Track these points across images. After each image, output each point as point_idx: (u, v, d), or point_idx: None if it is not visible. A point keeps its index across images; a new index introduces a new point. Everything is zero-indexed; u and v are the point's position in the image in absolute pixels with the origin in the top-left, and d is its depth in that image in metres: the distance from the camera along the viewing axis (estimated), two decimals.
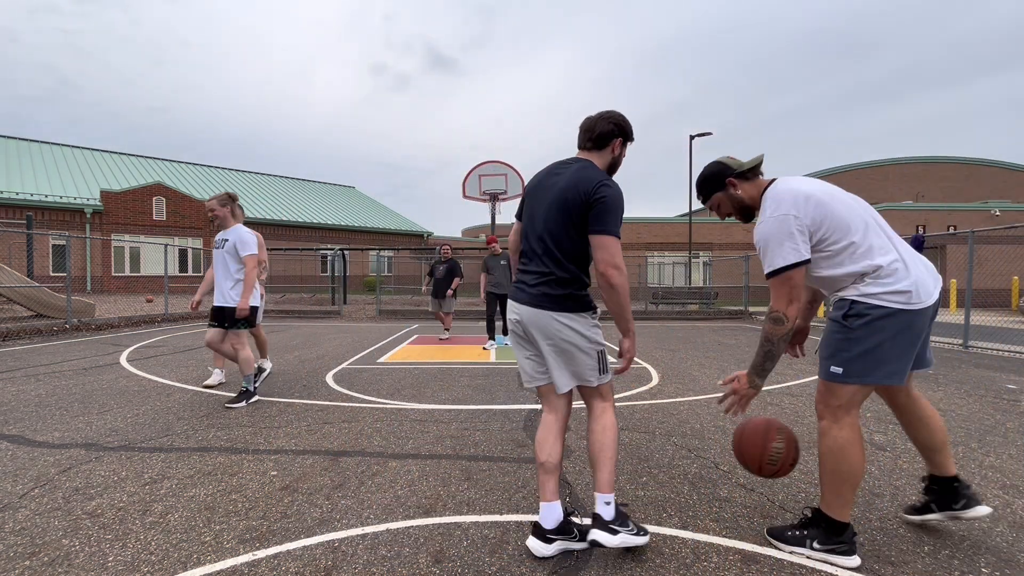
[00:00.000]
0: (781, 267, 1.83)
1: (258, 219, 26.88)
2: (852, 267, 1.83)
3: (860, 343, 1.81)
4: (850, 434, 1.85)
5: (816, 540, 1.89)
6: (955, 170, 26.45)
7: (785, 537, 1.97)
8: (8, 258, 16.31)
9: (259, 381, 4.47)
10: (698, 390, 4.76)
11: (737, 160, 2.08)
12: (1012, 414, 3.98)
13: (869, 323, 1.79)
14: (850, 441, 1.85)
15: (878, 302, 1.78)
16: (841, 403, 1.87)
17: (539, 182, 2.08)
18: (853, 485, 1.86)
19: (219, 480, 2.61)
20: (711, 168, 2.10)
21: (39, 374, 5.31)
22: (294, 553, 1.93)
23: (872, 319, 1.79)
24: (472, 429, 3.49)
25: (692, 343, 8.47)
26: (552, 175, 2.04)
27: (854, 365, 1.82)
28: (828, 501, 1.89)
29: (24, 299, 10.06)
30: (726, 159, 2.09)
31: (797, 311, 1.85)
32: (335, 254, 17.34)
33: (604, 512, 1.91)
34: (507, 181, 14.87)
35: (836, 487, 1.87)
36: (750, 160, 2.06)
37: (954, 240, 18.18)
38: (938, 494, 2.06)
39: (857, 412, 1.89)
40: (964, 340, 7.90)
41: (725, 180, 2.07)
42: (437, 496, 2.43)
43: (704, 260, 24.17)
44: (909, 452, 3.08)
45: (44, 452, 2.99)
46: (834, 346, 1.88)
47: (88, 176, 25.20)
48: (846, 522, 1.88)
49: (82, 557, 1.90)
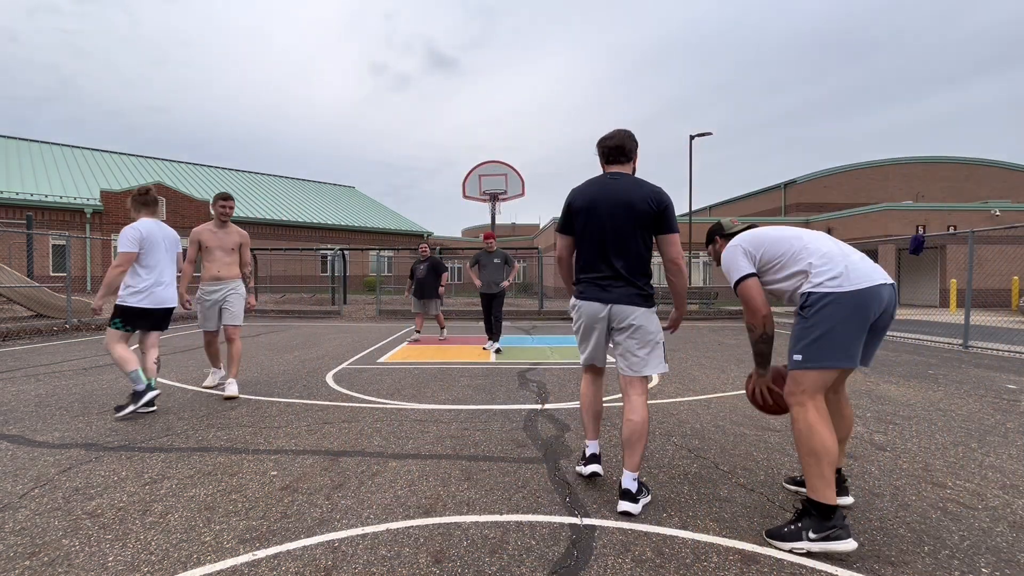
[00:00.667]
0: (736, 279, 2.24)
1: (258, 219, 26.88)
2: (794, 268, 2.16)
3: (814, 329, 2.05)
4: (816, 415, 2.04)
5: (811, 530, 1.96)
6: (955, 170, 26.44)
7: (782, 535, 2.02)
8: (8, 258, 16.31)
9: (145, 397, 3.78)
10: (698, 390, 4.76)
11: (733, 223, 2.54)
12: (1012, 414, 3.98)
13: (819, 310, 2.04)
14: (816, 420, 2.03)
15: (822, 290, 2.06)
16: (805, 389, 2.06)
17: (592, 197, 2.44)
18: (830, 462, 1.99)
19: (219, 480, 2.61)
20: (712, 226, 2.62)
21: (39, 374, 5.32)
22: (294, 553, 1.93)
23: (822, 306, 2.04)
24: (472, 429, 3.49)
25: (692, 343, 8.47)
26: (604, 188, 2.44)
27: (811, 350, 2.05)
28: (812, 485, 2.00)
29: (24, 299, 10.06)
30: (725, 220, 2.58)
31: (762, 320, 2.19)
32: (335, 254, 17.33)
33: (632, 487, 2.28)
34: (507, 181, 14.85)
35: (815, 467, 2.00)
36: (741, 225, 2.50)
37: (954, 240, 18.17)
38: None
39: (822, 397, 2.08)
40: (964, 340, 7.89)
41: (714, 236, 2.59)
42: (437, 496, 2.43)
43: (704, 260, 24.18)
44: (909, 452, 3.08)
45: (44, 452, 2.99)
46: (795, 336, 2.13)
47: (88, 176, 25.20)
48: (834, 504, 1.97)
49: (82, 557, 1.90)
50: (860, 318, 2.01)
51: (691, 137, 19.05)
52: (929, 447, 3.19)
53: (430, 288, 8.12)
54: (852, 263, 2.08)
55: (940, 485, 2.60)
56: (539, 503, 2.36)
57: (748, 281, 2.20)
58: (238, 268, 4.67)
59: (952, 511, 2.32)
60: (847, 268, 2.05)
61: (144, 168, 28.87)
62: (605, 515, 2.24)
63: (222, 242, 4.56)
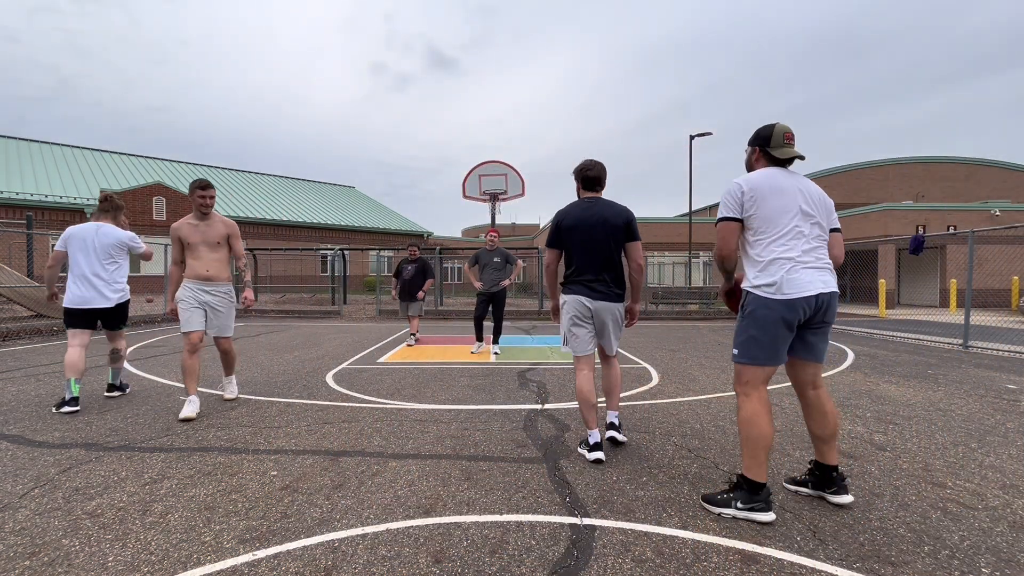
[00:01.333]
0: (721, 216, 2.36)
1: (258, 219, 26.88)
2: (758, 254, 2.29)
3: (748, 329, 2.28)
4: (757, 406, 2.25)
5: (739, 501, 2.22)
6: (955, 170, 26.44)
7: (715, 500, 2.29)
8: (8, 258, 16.31)
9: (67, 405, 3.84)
10: (698, 390, 4.76)
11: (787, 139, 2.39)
12: (1012, 414, 3.98)
13: (752, 312, 2.28)
14: (756, 412, 2.24)
15: (759, 293, 2.26)
16: (747, 381, 2.29)
17: (578, 217, 3.04)
18: (764, 448, 2.22)
19: (219, 480, 2.61)
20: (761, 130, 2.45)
21: (39, 374, 5.31)
22: (294, 553, 1.93)
23: (753, 309, 2.27)
24: (472, 429, 3.49)
25: (692, 343, 8.46)
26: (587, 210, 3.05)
27: (744, 347, 2.30)
28: (747, 464, 2.24)
29: (24, 299, 10.06)
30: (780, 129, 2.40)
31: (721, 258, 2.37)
32: (335, 254, 17.33)
33: (616, 421, 3.20)
34: (507, 181, 14.84)
35: (750, 451, 2.23)
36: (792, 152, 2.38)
37: (954, 240, 18.17)
38: (818, 477, 2.42)
39: (764, 388, 2.29)
40: (964, 340, 7.89)
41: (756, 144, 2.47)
42: (437, 496, 2.43)
43: (704, 260, 24.17)
44: (909, 452, 3.08)
45: (44, 452, 2.99)
46: (735, 331, 2.38)
47: (88, 176, 25.20)
48: (762, 482, 2.21)
49: (82, 557, 1.90)
50: (786, 324, 2.22)
51: (691, 137, 19.05)
52: (929, 447, 3.19)
53: (416, 290, 7.86)
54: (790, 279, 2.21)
55: (940, 485, 2.60)
56: (539, 503, 2.36)
57: (731, 224, 2.34)
58: (228, 266, 4.09)
59: (952, 511, 2.32)
60: (782, 280, 2.21)
61: (144, 168, 28.86)
62: (605, 515, 2.24)
63: (205, 236, 3.93)
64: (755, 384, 2.27)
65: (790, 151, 2.37)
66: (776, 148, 2.38)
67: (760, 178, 2.31)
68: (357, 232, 30.61)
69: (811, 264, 2.25)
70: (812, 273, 2.24)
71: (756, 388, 2.27)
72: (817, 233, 2.30)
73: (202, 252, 3.94)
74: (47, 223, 20.96)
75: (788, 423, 3.66)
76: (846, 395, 4.59)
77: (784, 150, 2.37)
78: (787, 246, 2.25)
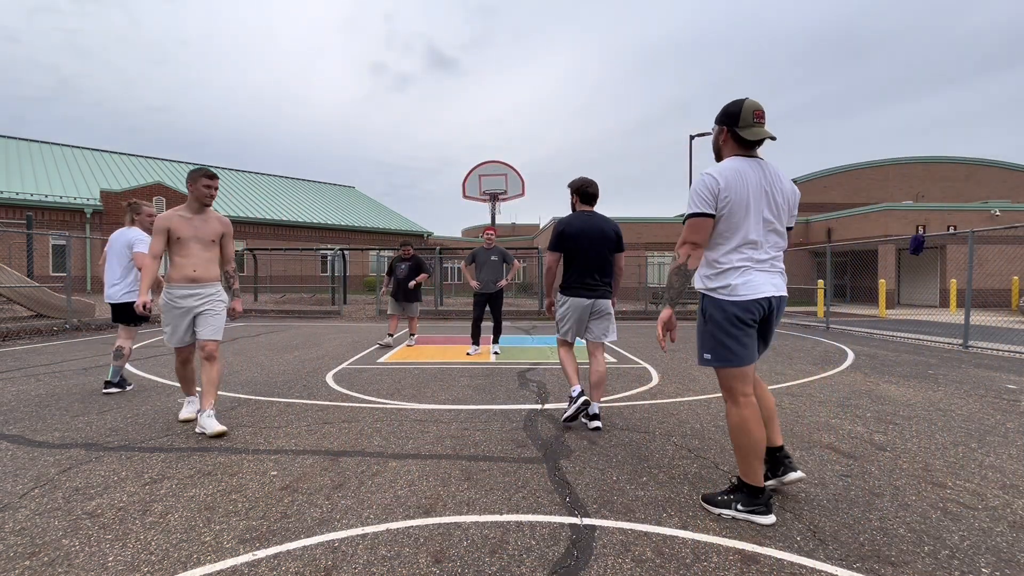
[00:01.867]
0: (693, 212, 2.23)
1: (258, 219, 26.88)
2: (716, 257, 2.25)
3: (714, 333, 2.24)
4: (745, 412, 2.22)
5: (740, 503, 2.21)
6: (955, 170, 26.42)
7: (715, 501, 2.28)
8: (8, 258, 16.31)
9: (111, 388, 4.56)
10: (698, 390, 4.76)
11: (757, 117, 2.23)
12: (1012, 414, 3.98)
13: (711, 315, 2.25)
14: (744, 418, 2.21)
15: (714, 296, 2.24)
16: (731, 386, 2.25)
17: (580, 228, 3.57)
18: (758, 454, 2.20)
19: (219, 480, 2.61)
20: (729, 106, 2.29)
21: (39, 374, 5.32)
22: (294, 553, 1.93)
23: (712, 312, 2.25)
24: (472, 429, 3.49)
25: (692, 343, 8.46)
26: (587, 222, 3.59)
27: (716, 352, 2.25)
28: (743, 470, 2.23)
29: (24, 299, 10.06)
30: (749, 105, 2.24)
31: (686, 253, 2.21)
32: (335, 254, 17.33)
33: (598, 412, 3.55)
34: (507, 181, 14.85)
35: (744, 457, 2.21)
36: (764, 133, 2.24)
37: (954, 240, 18.16)
38: (768, 463, 2.41)
39: (751, 390, 2.25)
40: (964, 340, 7.89)
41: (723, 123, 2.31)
42: (437, 496, 2.43)
43: None
44: (909, 452, 3.08)
45: (44, 452, 2.99)
46: (699, 335, 2.33)
47: (88, 176, 25.20)
48: (762, 487, 2.19)
49: (82, 557, 1.90)
50: (745, 322, 2.21)
51: (691, 137, 19.04)
52: (929, 447, 3.19)
53: (411, 291, 7.77)
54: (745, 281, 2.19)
55: (940, 485, 2.60)
56: (539, 503, 2.36)
57: (705, 220, 2.20)
58: (218, 267, 3.63)
59: (952, 511, 2.32)
60: (737, 283, 2.20)
61: (144, 168, 28.86)
62: (605, 515, 2.24)
63: (198, 231, 3.46)
64: (741, 388, 2.24)
65: (760, 131, 2.22)
66: (745, 128, 2.23)
67: (733, 176, 2.20)
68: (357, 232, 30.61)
69: (765, 268, 2.25)
70: (765, 276, 2.24)
71: (743, 392, 2.24)
72: (775, 240, 2.29)
73: (192, 249, 3.44)
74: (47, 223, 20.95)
75: (788, 424, 3.66)
76: (846, 395, 4.59)
77: (753, 130, 2.22)
78: (744, 255, 2.23)
